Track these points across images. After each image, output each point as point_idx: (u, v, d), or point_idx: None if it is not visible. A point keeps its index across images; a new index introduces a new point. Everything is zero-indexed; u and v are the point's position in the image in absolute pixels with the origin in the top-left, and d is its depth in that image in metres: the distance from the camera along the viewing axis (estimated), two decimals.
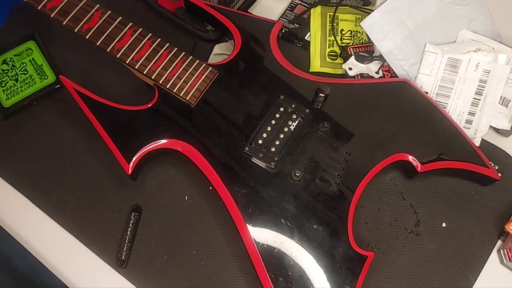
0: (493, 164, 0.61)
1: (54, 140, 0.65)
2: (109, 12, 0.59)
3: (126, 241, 0.58)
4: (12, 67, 0.69)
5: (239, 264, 0.58)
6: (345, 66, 0.66)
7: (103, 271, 0.59)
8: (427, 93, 0.63)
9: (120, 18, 0.59)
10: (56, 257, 0.60)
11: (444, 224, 0.59)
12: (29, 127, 0.66)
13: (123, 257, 0.58)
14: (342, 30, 0.69)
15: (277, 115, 0.58)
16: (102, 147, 0.57)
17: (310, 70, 0.68)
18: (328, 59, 0.68)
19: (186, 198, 0.61)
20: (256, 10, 0.73)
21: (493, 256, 0.58)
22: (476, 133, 0.63)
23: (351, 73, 0.65)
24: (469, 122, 0.63)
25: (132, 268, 0.58)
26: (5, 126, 0.66)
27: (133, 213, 0.59)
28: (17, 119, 0.67)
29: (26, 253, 0.59)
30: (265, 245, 0.53)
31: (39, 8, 0.59)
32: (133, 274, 0.58)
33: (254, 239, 0.53)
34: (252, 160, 0.56)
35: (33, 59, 0.69)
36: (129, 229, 0.59)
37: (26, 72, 0.68)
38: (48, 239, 0.61)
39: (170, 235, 0.59)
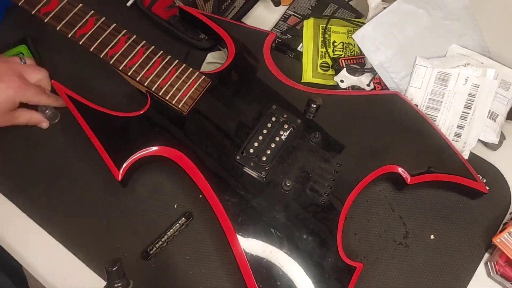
0: (481, 177, 0.61)
1: (43, 145, 0.65)
2: (103, 18, 0.59)
3: (163, 239, 0.58)
4: None
5: (228, 273, 0.57)
6: (337, 78, 0.66)
7: (90, 278, 0.58)
8: (417, 106, 0.64)
9: (114, 24, 0.59)
10: (42, 264, 0.59)
11: (432, 236, 0.59)
12: (18, 133, 0.65)
13: (151, 252, 0.58)
14: (334, 42, 0.70)
15: (269, 125, 0.58)
16: (93, 153, 0.56)
17: (302, 81, 0.68)
18: (320, 70, 0.69)
19: (175, 206, 0.61)
20: (250, 20, 0.74)
21: (481, 269, 0.58)
22: (465, 146, 0.63)
23: (342, 85, 0.66)
24: (458, 135, 0.64)
25: None
26: None
27: (183, 218, 0.59)
28: None
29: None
30: (254, 255, 0.52)
31: (33, 12, 0.58)
32: None
33: (244, 248, 0.53)
34: (243, 169, 0.56)
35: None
36: (172, 231, 0.59)
37: None
38: (34, 246, 0.60)
39: None
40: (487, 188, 0.59)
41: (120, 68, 0.58)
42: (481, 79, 0.64)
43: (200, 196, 0.58)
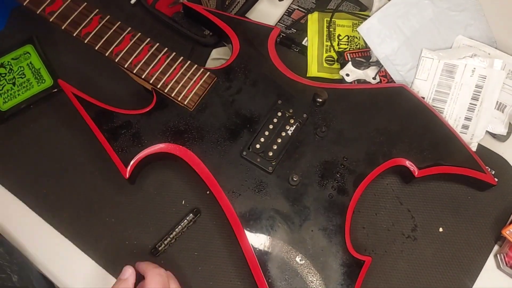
0: (489, 169, 0.61)
1: (51, 144, 0.65)
2: (108, 17, 0.59)
3: (171, 236, 0.59)
4: (10, 71, 0.69)
5: (236, 269, 0.58)
6: (343, 72, 0.66)
7: (99, 276, 0.58)
8: (423, 98, 0.64)
9: (119, 22, 0.60)
10: (52, 262, 0.59)
11: (441, 229, 0.59)
12: (26, 131, 0.66)
13: (160, 249, 0.58)
14: (339, 35, 0.70)
15: (275, 120, 0.58)
16: (100, 151, 0.57)
17: (307, 75, 0.68)
18: (325, 64, 0.68)
19: (183, 202, 0.61)
20: (254, 15, 0.74)
21: (490, 261, 0.58)
22: (473, 138, 0.63)
23: (348, 79, 0.66)
24: (465, 127, 0.63)
25: None
26: (2, 130, 0.66)
27: (191, 214, 0.59)
28: (14, 123, 0.66)
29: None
30: (262, 250, 0.53)
31: (38, 12, 0.59)
32: None
33: (252, 244, 0.53)
34: (250, 164, 0.56)
35: (30, 62, 0.69)
36: (180, 227, 0.59)
37: (23, 76, 0.68)
38: (44, 244, 0.60)
39: None
40: (496, 179, 0.59)
41: (126, 66, 0.59)
42: (488, 70, 0.63)
43: (208, 192, 0.58)
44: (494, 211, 0.60)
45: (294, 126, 0.58)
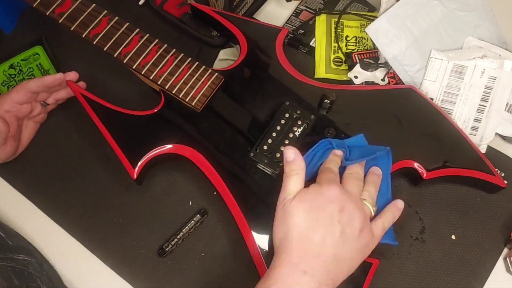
0: (499, 171, 0.60)
1: (60, 145, 0.66)
2: (117, 18, 0.60)
3: (178, 237, 0.59)
4: (19, 72, 0.69)
5: (243, 270, 0.57)
6: (351, 74, 0.66)
7: (107, 276, 0.59)
8: (432, 99, 0.63)
9: (127, 24, 0.60)
10: (60, 261, 0.60)
11: (453, 237, 0.58)
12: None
13: (167, 249, 0.59)
14: (347, 36, 0.70)
15: (283, 121, 0.58)
16: (108, 152, 0.57)
17: (315, 76, 0.68)
18: (333, 65, 0.68)
19: (190, 203, 0.61)
20: (262, 16, 0.74)
21: (499, 264, 0.58)
22: (482, 140, 0.62)
23: (356, 81, 0.65)
24: (474, 128, 0.63)
25: (136, 272, 0.58)
26: None
27: (198, 215, 0.60)
28: None
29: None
30: (269, 251, 0.52)
31: (47, 13, 0.59)
32: (137, 279, 0.58)
33: (259, 245, 0.53)
34: (257, 166, 0.56)
35: (40, 64, 0.69)
36: (187, 228, 0.59)
37: (33, 77, 0.69)
38: (52, 243, 0.61)
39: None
40: (506, 182, 0.58)
41: (134, 67, 0.59)
42: (498, 71, 0.63)
43: (215, 193, 0.58)
44: (503, 213, 0.59)
45: (302, 128, 0.58)
